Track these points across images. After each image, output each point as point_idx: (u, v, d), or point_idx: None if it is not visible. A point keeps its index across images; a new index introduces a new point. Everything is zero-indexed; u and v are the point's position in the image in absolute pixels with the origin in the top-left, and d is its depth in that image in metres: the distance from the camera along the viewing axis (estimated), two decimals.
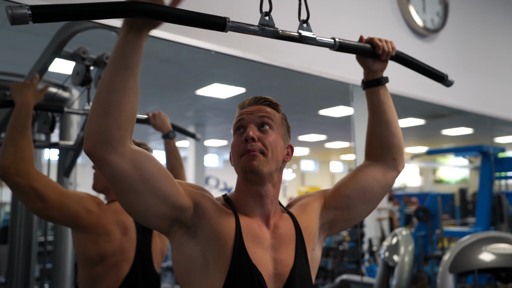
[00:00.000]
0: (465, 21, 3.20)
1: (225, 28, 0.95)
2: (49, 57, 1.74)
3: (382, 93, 1.19)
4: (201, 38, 1.74)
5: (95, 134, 0.84)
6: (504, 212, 3.92)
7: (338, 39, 1.11)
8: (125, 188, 0.88)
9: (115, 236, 1.62)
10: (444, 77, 1.28)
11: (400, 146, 1.18)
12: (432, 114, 6.28)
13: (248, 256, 0.95)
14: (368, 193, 1.14)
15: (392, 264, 3.23)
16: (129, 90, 0.86)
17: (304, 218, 1.08)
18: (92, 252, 1.58)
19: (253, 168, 0.97)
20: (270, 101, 1.08)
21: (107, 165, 0.85)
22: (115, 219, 1.63)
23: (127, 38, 0.86)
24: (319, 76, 2.19)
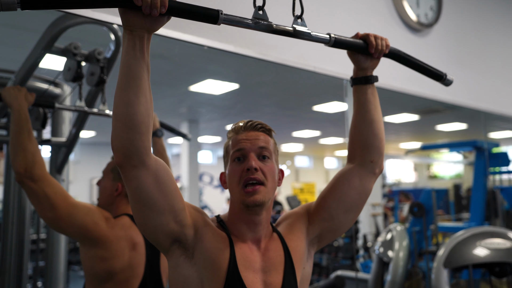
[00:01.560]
0: (458, 16, 3.22)
1: (218, 21, 0.94)
2: (40, 52, 1.73)
3: (369, 92, 1.18)
4: (194, 33, 1.73)
5: (122, 149, 0.88)
6: (498, 207, 3.95)
7: (334, 34, 1.10)
8: (145, 202, 0.92)
9: (123, 252, 1.60)
10: (443, 76, 1.26)
11: (380, 148, 1.18)
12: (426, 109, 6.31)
13: (241, 280, 0.99)
14: (347, 202, 1.14)
15: (386, 260, 3.25)
16: (143, 100, 0.89)
17: (291, 239, 1.11)
18: (100, 268, 1.56)
19: (256, 202, 1.01)
20: (264, 127, 1.10)
21: (134, 178, 0.89)
22: (123, 234, 1.61)
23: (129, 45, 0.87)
24: (313, 71, 2.19)
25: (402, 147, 11.25)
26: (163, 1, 0.86)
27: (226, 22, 0.96)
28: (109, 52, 1.91)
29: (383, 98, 3.94)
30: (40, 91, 2.21)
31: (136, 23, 0.87)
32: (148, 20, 0.88)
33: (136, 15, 0.86)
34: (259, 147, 1.06)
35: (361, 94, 1.18)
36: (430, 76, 1.27)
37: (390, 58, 1.21)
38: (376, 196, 5.30)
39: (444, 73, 1.26)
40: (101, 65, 1.86)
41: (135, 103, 0.87)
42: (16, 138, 1.49)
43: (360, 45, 1.14)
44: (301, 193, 14.02)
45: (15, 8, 0.76)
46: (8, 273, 2.17)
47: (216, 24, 0.95)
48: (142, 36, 0.88)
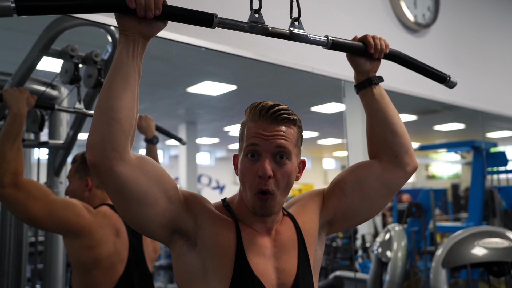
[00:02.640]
0: (456, 16, 3.22)
1: (212, 24, 0.95)
2: (37, 55, 1.73)
3: (376, 93, 1.14)
4: (191, 34, 1.73)
5: (100, 142, 0.82)
6: (496, 206, 3.96)
7: (331, 37, 1.10)
8: (136, 197, 0.87)
9: (108, 239, 1.63)
10: (447, 78, 1.22)
11: (403, 143, 1.11)
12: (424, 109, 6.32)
13: (250, 268, 0.94)
14: (365, 187, 1.09)
15: (385, 260, 3.25)
16: (131, 96, 0.86)
17: (304, 221, 1.07)
18: (87, 257, 1.59)
19: (265, 213, 0.97)
20: (288, 117, 0.99)
21: (115, 176, 0.83)
22: (106, 222, 1.65)
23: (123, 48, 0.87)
24: (310, 72, 2.19)
25: None
26: (157, 3, 0.85)
27: (221, 25, 0.96)
28: (106, 54, 1.91)
29: None
30: (37, 93, 2.21)
31: (131, 28, 0.87)
32: (143, 24, 0.87)
33: (131, 19, 0.86)
34: (276, 145, 0.95)
35: (368, 97, 1.14)
36: (433, 78, 1.24)
37: (392, 60, 1.19)
38: None
39: (447, 75, 1.23)
40: (98, 67, 1.86)
41: (123, 97, 0.84)
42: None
43: (358, 47, 1.13)
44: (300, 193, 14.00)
45: (11, 14, 0.77)
46: (6, 275, 2.17)
47: (211, 27, 0.95)
48: (137, 41, 0.88)
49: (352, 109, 4.99)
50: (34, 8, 0.79)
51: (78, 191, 1.74)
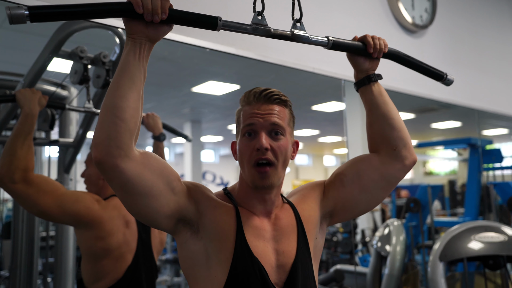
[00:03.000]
0: (452, 18, 3.21)
1: (217, 27, 0.95)
2: (48, 56, 1.74)
3: (375, 90, 1.14)
4: (196, 36, 1.74)
5: (106, 140, 0.82)
6: (492, 202, 3.95)
7: (332, 37, 1.10)
8: (141, 191, 0.87)
9: (118, 229, 1.65)
10: (444, 76, 1.23)
11: (402, 138, 1.10)
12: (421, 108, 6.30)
13: (249, 250, 0.94)
14: (364, 179, 1.09)
15: (384, 254, 3.25)
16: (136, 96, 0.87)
17: (304, 208, 1.07)
18: (98, 247, 1.60)
19: (265, 184, 0.98)
20: (280, 97, 1.02)
21: (120, 172, 0.84)
22: (116, 213, 1.66)
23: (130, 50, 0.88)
24: (311, 72, 2.19)
25: None
26: (164, 8, 0.86)
27: (225, 28, 0.97)
28: (114, 55, 1.91)
29: None
30: (48, 93, 2.21)
31: (138, 31, 0.88)
32: (150, 28, 0.88)
33: (138, 23, 0.87)
34: (271, 123, 0.98)
35: (367, 94, 1.14)
36: (430, 76, 1.25)
37: (391, 59, 1.20)
38: None
39: (444, 73, 1.24)
40: (106, 67, 1.87)
41: (129, 97, 0.85)
42: (11, 140, 1.52)
43: (358, 46, 1.13)
44: None
45: (24, 21, 0.79)
46: (19, 269, 2.18)
47: (216, 30, 0.96)
48: (144, 44, 0.89)
49: (352, 107, 4.98)
50: (46, 15, 0.80)
51: (93, 177, 1.75)
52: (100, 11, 0.84)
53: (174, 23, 0.91)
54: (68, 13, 0.82)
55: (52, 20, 0.82)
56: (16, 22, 0.78)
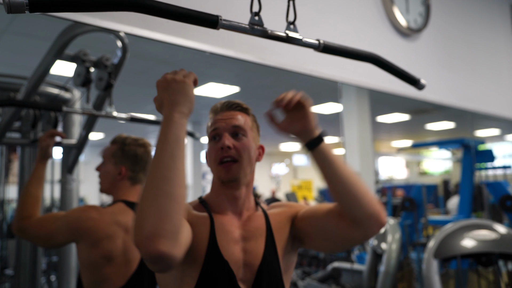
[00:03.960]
0: (446, 21, 3.22)
1: (217, 26, 0.95)
2: (51, 59, 1.73)
3: (321, 156, 1.00)
4: (196, 39, 1.74)
5: (161, 231, 0.74)
6: (485, 201, 3.95)
7: (323, 41, 1.11)
8: (172, 268, 0.82)
9: (115, 235, 1.56)
10: (417, 81, 1.31)
11: (363, 207, 0.93)
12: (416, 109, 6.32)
13: (219, 252, 0.95)
14: (326, 233, 1.01)
15: (380, 252, 3.25)
16: (184, 174, 0.82)
17: (276, 220, 1.07)
18: (96, 255, 1.53)
19: (230, 177, 1.00)
20: (240, 105, 1.08)
21: (169, 260, 0.75)
22: (114, 220, 1.57)
23: (181, 123, 0.88)
24: (309, 75, 2.19)
25: (394, 145, 11.26)
26: (195, 80, 0.93)
27: (225, 27, 0.97)
28: (116, 58, 1.91)
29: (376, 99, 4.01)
30: (51, 95, 2.21)
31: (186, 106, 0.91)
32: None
33: None
34: (232, 125, 1.03)
35: (315, 159, 1.00)
36: (405, 80, 1.31)
37: (372, 63, 1.23)
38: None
39: (418, 78, 1.30)
40: (108, 70, 1.87)
41: (179, 177, 0.80)
42: (24, 187, 1.62)
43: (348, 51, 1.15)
44: (299, 190, 14.01)
45: (23, 10, 0.73)
46: (23, 268, 2.18)
47: (216, 28, 0.96)
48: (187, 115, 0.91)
49: (348, 109, 4.99)
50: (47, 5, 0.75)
51: (110, 175, 1.67)
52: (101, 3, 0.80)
53: (177, 20, 0.91)
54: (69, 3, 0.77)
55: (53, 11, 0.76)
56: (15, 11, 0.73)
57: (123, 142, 1.68)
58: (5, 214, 3.40)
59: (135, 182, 1.68)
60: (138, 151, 1.68)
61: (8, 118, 1.92)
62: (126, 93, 5.26)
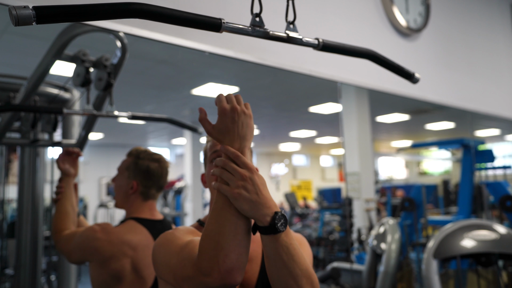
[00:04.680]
0: (445, 21, 3.22)
1: (220, 29, 0.96)
2: (50, 59, 1.73)
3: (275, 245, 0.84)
4: (196, 39, 1.74)
5: (241, 265, 0.80)
6: (484, 201, 3.96)
7: (322, 39, 1.12)
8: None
9: (125, 255, 1.52)
10: (412, 75, 1.34)
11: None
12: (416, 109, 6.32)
13: None
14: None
15: (379, 252, 3.25)
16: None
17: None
18: (105, 274, 1.52)
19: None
20: None
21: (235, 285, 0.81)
22: (121, 240, 1.54)
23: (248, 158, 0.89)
24: (308, 75, 2.19)
25: (393, 145, 11.26)
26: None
27: (227, 30, 0.98)
28: (115, 58, 1.91)
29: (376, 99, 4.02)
30: (51, 96, 2.21)
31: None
32: None
33: None
34: (214, 151, 1.07)
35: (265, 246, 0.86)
36: (400, 75, 1.34)
37: (369, 59, 1.26)
38: (370, 192, 5.30)
39: (412, 72, 1.33)
40: (108, 70, 1.87)
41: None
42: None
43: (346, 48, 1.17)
44: (299, 190, 14.03)
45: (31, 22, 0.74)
46: (23, 267, 2.18)
47: (219, 32, 0.96)
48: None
49: (348, 109, 5.00)
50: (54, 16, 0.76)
51: (123, 188, 1.66)
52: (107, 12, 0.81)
53: (181, 25, 0.91)
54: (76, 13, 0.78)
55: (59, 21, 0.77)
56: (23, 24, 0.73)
57: (137, 156, 1.67)
58: (5, 214, 3.40)
59: (147, 197, 1.66)
60: (151, 166, 1.65)
61: (7, 119, 1.92)
62: (125, 93, 5.26)
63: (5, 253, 3.02)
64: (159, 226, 1.65)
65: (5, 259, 3.00)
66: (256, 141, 10.27)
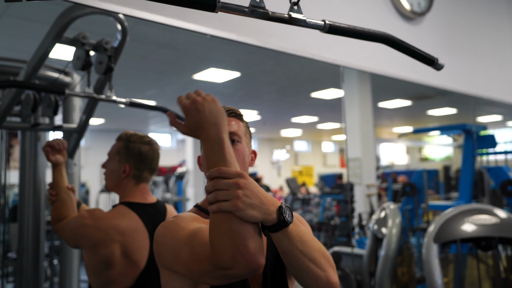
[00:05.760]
0: (449, 5, 3.18)
1: (215, 9, 0.93)
2: (50, 42, 1.72)
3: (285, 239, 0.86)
4: (197, 22, 1.72)
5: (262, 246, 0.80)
6: (485, 186, 3.96)
7: (328, 21, 1.09)
8: None
9: (113, 241, 1.52)
10: (435, 61, 1.24)
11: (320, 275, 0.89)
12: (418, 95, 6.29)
13: None
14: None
15: (380, 236, 3.27)
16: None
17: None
18: (95, 260, 1.53)
19: None
20: (235, 112, 1.10)
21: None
22: (109, 225, 1.54)
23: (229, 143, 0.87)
24: (311, 58, 2.17)
25: (395, 131, 11.25)
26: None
27: (223, 9, 0.95)
28: (116, 41, 1.90)
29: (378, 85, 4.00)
30: (51, 79, 2.20)
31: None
32: None
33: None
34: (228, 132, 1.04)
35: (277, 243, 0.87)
36: (422, 61, 1.25)
37: (384, 43, 1.19)
38: (371, 178, 5.31)
39: (435, 58, 1.24)
40: (108, 54, 1.85)
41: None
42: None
43: (355, 31, 1.12)
44: (300, 175, 14.06)
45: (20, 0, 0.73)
46: (26, 251, 2.19)
47: (214, 12, 0.94)
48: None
49: (350, 94, 4.97)
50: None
51: (115, 173, 1.66)
52: None
53: (172, 4, 0.90)
54: None
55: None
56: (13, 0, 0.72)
57: (128, 140, 1.66)
58: (7, 199, 3.42)
59: (140, 180, 1.66)
60: (143, 148, 1.65)
61: (8, 102, 1.91)
62: (126, 78, 5.24)
63: (7, 237, 3.05)
64: (150, 209, 1.64)
65: (8, 243, 3.03)
66: (258, 126, 10.25)
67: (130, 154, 1.64)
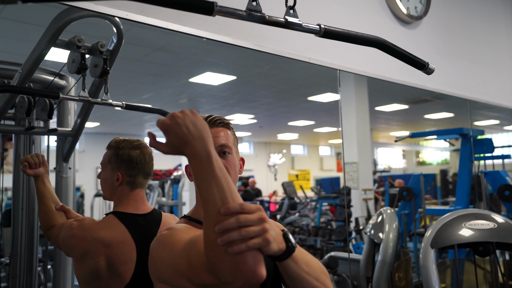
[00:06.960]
0: (446, 9, 3.20)
1: (213, 12, 0.94)
2: (45, 45, 1.71)
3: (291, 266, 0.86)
4: (193, 25, 1.72)
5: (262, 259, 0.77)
6: (483, 190, 3.97)
7: (324, 25, 1.10)
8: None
9: (98, 253, 1.51)
10: (425, 65, 1.27)
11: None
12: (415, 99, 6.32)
13: None
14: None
15: (377, 241, 3.27)
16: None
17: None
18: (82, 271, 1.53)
19: None
20: (223, 121, 1.11)
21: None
22: (95, 237, 1.52)
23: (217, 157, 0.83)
24: (307, 62, 2.18)
25: (392, 135, 11.28)
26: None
27: (220, 13, 0.96)
28: (111, 44, 1.89)
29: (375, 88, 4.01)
30: (46, 82, 2.19)
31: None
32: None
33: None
34: (219, 145, 1.06)
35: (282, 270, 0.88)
36: (413, 65, 1.27)
37: (377, 47, 1.20)
38: (368, 182, 5.32)
39: (426, 62, 1.26)
40: (104, 57, 1.85)
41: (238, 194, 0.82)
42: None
43: (350, 35, 1.13)
44: (297, 179, 14.07)
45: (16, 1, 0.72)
46: (19, 256, 2.18)
47: (211, 15, 0.95)
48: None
49: (347, 98, 4.99)
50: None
51: (109, 182, 1.65)
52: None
53: (171, 7, 0.90)
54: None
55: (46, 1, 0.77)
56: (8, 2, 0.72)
57: (117, 147, 1.66)
58: (1, 202, 3.40)
59: (134, 186, 1.65)
60: (132, 154, 1.64)
61: (1, 105, 1.90)
62: (122, 81, 5.23)
63: (1, 242, 3.02)
64: (141, 220, 1.61)
65: (1, 247, 3.01)
66: (254, 130, 10.26)
67: (121, 161, 1.63)
